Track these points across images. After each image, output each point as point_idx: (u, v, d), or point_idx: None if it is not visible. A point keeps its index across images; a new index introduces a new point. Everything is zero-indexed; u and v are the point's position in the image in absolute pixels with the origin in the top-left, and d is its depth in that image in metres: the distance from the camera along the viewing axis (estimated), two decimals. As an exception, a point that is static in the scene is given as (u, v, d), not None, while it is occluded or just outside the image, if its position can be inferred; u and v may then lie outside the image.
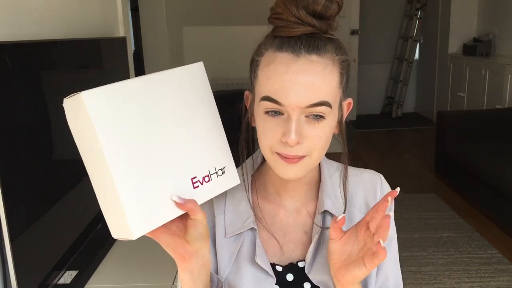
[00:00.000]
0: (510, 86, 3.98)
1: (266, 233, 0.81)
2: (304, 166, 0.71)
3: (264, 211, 0.82)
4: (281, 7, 0.68)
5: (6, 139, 1.15)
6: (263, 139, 0.72)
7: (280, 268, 0.78)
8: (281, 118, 0.69)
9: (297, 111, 0.67)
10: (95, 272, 1.51)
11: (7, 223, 1.11)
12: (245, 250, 0.79)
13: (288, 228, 0.81)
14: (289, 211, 0.82)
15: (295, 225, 0.82)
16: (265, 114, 0.70)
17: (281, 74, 0.67)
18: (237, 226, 0.79)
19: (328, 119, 0.70)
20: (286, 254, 0.80)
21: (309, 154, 0.70)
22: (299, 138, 0.68)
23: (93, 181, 0.63)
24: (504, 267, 2.56)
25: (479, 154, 3.34)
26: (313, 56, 0.68)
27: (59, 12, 1.64)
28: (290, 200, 0.82)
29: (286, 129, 0.68)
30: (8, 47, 1.18)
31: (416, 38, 6.16)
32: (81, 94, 0.58)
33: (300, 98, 0.67)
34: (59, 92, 1.49)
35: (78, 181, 1.55)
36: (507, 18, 4.51)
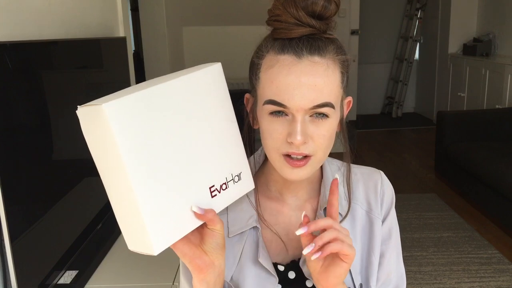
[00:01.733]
0: (510, 86, 3.98)
1: (268, 232, 0.81)
2: (310, 167, 0.72)
3: (267, 210, 0.82)
4: (280, 9, 0.68)
5: (6, 139, 1.15)
6: (268, 141, 0.71)
7: (282, 267, 0.79)
8: (286, 118, 0.69)
9: (302, 112, 0.68)
10: (95, 272, 1.51)
11: (7, 223, 1.11)
12: (248, 249, 0.79)
13: (291, 226, 0.81)
14: (292, 209, 0.83)
15: (297, 222, 0.81)
16: (269, 115, 0.70)
17: (284, 77, 0.68)
18: (240, 225, 0.79)
19: (331, 118, 0.70)
20: (289, 252, 0.80)
21: (314, 153, 0.71)
22: (305, 138, 0.68)
23: (110, 193, 0.61)
24: (504, 267, 2.56)
25: (479, 154, 3.34)
26: (315, 57, 0.68)
27: (59, 12, 1.64)
28: (292, 198, 0.83)
29: (292, 130, 0.68)
30: (8, 47, 1.18)
31: (416, 38, 6.16)
32: (102, 107, 0.54)
33: (304, 100, 0.67)
34: (59, 92, 1.49)
35: (78, 181, 1.55)
36: (507, 18, 4.51)
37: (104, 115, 0.55)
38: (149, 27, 3.71)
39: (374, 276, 0.80)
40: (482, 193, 3.25)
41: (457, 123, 3.77)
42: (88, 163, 1.95)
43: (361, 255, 0.81)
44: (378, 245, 0.81)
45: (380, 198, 0.84)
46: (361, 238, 0.81)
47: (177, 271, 1.51)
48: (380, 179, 0.85)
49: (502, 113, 3.81)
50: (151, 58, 3.76)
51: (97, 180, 0.61)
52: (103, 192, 0.61)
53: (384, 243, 0.83)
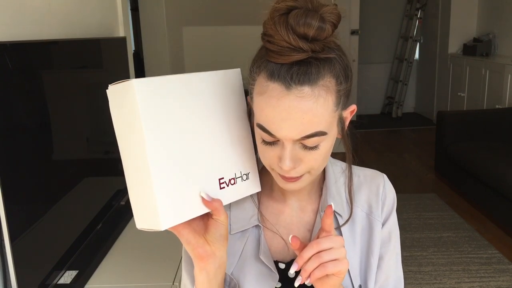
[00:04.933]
0: (510, 86, 3.98)
1: (270, 231, 0.82)
2: (304, 182, 0.73)
3: (269, 209, 0.83)
4: (272, 29, 0.65)
5: (6, 139, 1.15)
6: (261, 158, 0.73)
7: (283, 265, 0.79)
8: (277, 143, 0.70)
9: (291, 142, 0.68)
10: (95, 272, 1.51)
11: (7, 223, 1.11)
12: (249, 247, 0.80)
13: (292, 226, 0.82)
14: (294, 209, 0.83)
15: (299, 223, 0.82)
16: (262, 142, 0.71)
17: (273, 108, 0.67)
18: (242, 223, 0.81)
19: (324, 143, 0.70)
20: (290, 250, 0.81)
21: (307, 172, 0.72)
22: (294, 164, 0.69)
23: (126, 169, 0.65)
24: (504, 267, 2.56)
25: (479, 154, 3.34)
26: (305, 87, 0.65)
27: (59, 12, 1.64)
28: (294, 199, 0.83)
29: (281, 156, 0.69)
30: (8, 47, 1.18)
31: (416, 38, 6.16)
32: (132, 82, 0.60)
33: (292, 132, 0.67)
34: (59, 92, 1.49)
35: (78, 181, 1.55)
36: (507, 18, 4.51)
37: (133, 90, 0.60)
38: (149, 27, 3.71)
39: (373, 278, 0.81)
40: (482, 193, 3.25)
41: (457, 123, 3.77)
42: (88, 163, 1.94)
43: (360, 257, 0.81)
44: (378, 248, 0.82)
45: (381, 201, 0.84)
46: (361, 240, 0.82)
47: (177, 271, 1.51)
48: (383, 182, 0.85)
49: (502, 113, 3.81)
50: (151, 58, 3.76)
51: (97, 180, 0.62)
52: (103, 192, 0.61)
53: (383, 246, 0.83)
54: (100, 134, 1.80)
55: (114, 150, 2.04)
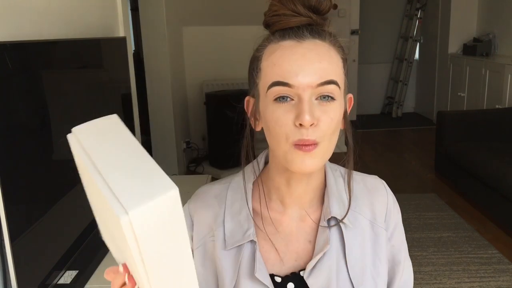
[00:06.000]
0: (510, 86, 3.98)
1: (267, 243, 0.78)
2: (319, 156, 0.69)
3: (266, 219, 0.79)
4: (277, 5, 0.70)
5: (6, 139, 1.15)
6: (276, 129, 0.68)
7: (279, 279, 0.76)
8: (291, 103, 0.68)
9: (308, 92, 0.67)
10: (95, 272, 1.50)
11: (7, 223, 1.11)
12: (245, 263, 0.76)
13: (291, 237, 0.79)
14: (293, 219, 0.79)
15: (298, 233, 0.79)
16: (274, 101, 0.68)
17: (288, 56, 0.67)
18: (237, 237, 0.77)
19: (337, 100, 0.69)
20: (288, 263, 0.78)
21: (321, 140, 0.68)
22: (313, 119, 0.66)
23: None
24: (504, 267, 2.56)
25: (479, 154, 3.34)
26: (316, 39, 0.69)
27: (59, 12, 1.64)
28: (294, 208, 0.79)
29: (299, 111, 0.66)
30: (8, 47, 1.18)
31: (416, 38, 6.16)
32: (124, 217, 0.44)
33: (310, 76, 0.66)
34: (59, 92, 1.49)
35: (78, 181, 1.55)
36: (507, 18, 4.51)
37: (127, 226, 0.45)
38: (149, 27, 3.71)
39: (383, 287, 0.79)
40: (482, 193, 3.25)
41: (457, 123, 3.77)
42: (88, 163, 1.91)
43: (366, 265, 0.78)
44: (385, 256, 0.80)
45: (386, 210, 0.83)
46: (366, 247, 0.79)
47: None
48: (385, 191, 0.85)
49: (502, 113, 3.81)
50: (151, 58, 3.76)
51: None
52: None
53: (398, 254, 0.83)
54: (100, 134, 1.80)
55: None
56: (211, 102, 3.97)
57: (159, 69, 3.75)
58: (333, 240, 0.76)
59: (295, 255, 0.78)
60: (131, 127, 2.20)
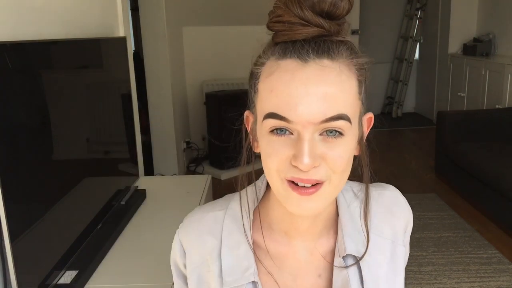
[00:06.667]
0: (510, 86, 3.98)
1: (271, 280, 0.68)
2: (323, 198, 0.58)
3: (269, 254, 0.68)
4: (282, 8, 0.57)
5: (6, 139, 1.15)
6: (268, 163, 0.58)
7: None
8: (290, 137, 0.56)
9: (310, 129, 0.55)
10: (95, 272, 1.50)
11: (7, 223, 1.11)
12: None
13: (300, 272, 0.68)
14: (300, 252, 0.69)
15: (307, 268, 0.68)
16: (269, 133, 0.57)
17: (287, 84, 0.55)
18: (236, 276, 0.66)
19: (347, 136, 0.57)
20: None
21: (327, 178, 0.57)
22: (314, 162, 0.55)
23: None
24: (504, 267, 2.56)
25: (479, 154, 3.34)
26: (324, 60, 0.55)
27: (59, 12, 1.64)
28: (301, 239, 0.68)
29: (298, 151, 0.55)
30: (8, 47, 1.18)
31: (416, 38, 6.16)
32: None
33: (312, 112, 0.54)
34: (59, 92, 1.49)
35: (78, 181, 1.55)
36: (507, 18, 4.51)
37: None
38: (149, 27, 3.71)
39: None
40: (482, 193, 3.25)
41: (457, 123, 3.76)
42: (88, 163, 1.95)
43: None
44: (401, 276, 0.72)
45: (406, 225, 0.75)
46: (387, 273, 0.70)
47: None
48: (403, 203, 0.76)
49: (502, 113, 3.81)
50: (151, 58, 3.76)
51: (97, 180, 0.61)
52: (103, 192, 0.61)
53: None
54: (100, 134, 1.80)
55: (114, 150, 2.04)
56: (211, 102, 3.97)
57: (159, 69, 3.75)
58: (353, 278, 0.67)
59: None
60: (131, 127, 2.19)
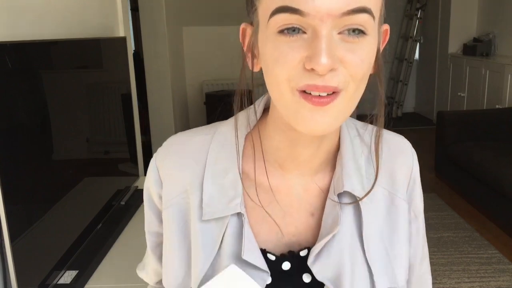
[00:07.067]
0: (510, 86, 3.98)
1: (258, 213, 0.61)
2: (338, 111, 0.49)
3: (261, 185, 0.61)
4: None
5: (6, 139, 1.15)
6: (276, 71, 0.49)
7: (273, 257, 0.60)
8: (303, 37, 0.47)
9: (328, 24, 0.46)
10: (95, 272, 1.50)
11: (7, 223, 1.11)
12: (229, 240, 0.58)
13: (290, 208, 0.62)
14: (293, 186, 0.62)
15: (299, 204, 0.62)
16: (278, 34, 0.48)
17: None
18: (219, 206, 0.59)
19: (370, 37, 0.48)
20: (284, 239, 0.62)
21: (345, 87, 0.49)
22: (333, 63, 0.46)
23: None
24: (504, 267, 2.56)
25: (479, 154, 3.34)
26: None
27: (59, 12, 1.64)
28: (296, 173, 0.62)
29: (314, 51, 0.46)
30: (8, 47, 1.18)
31: (416, 38, 6.16)
32: None
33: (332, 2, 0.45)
34: (59, 92, 1.49)
35: (78, 181, 1.55)
36: (507, 18, 4.51)
37: None
38: (149, 27, 3.71)
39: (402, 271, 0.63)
40: (482, 193, 3.25)
41: (457, 123, 3.77)
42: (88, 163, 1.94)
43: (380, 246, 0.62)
44: (405, 234, 0.65)
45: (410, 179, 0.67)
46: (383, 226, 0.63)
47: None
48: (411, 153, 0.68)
49: (502, 113, 3.81)
50: (151, 58, 3.76)
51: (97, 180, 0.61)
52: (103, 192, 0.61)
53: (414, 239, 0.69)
54: (100, 134, 1.80)
55: (114, 150, 2.04)
56: (211, 102, 3.97)
57: (159, 69, 3.75)
58: (346, 218, 0.60)
59: (293, 230, 0.62)
60: (131, 127, 2.19)
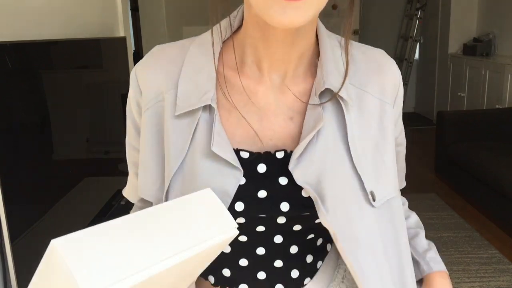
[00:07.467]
0: (510, 86, 3.98)
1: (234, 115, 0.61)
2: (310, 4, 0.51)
3: (236, 87, 0.62)
4: None
5: (6, 139, 1.15)
6: None
7: (247, 154, 0.59)
8: None
9: None
10: (95, 272, 1.51)
11: (7, 223, 1.11)
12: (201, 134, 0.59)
13: (267, 111, 0.62)
14: (271, 88, 0.62)
15: (276, 107, 0.62)
16: None
17: None
18: (192, 101, 0.59)
19: None
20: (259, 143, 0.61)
21: None
22: None
23: None
24: (504, 267, 2.56)
25: (479, 154, 3.34)
26: None
27: (59, 12, 1.64)
28: (274, 75, 0.62)
29: None
30: (8, 47, 1.18)
31: (416, 38, 6.16)
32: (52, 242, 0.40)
33: None
34: (59, 92, 1.49)
35: (78, 181, 1.55)
36: (507, 18, 4.51)
37: None
38: (149, 27, 3.71)
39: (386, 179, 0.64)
40: (482, 193, 3.25)
41: (457, 123, 3.77)
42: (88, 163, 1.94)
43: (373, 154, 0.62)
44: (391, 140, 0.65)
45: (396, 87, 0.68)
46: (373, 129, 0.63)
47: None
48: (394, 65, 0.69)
49: (502, 113, 3.81)
50: (151, 58, 3.76)
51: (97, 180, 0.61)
52: (103, 192, 0.61)
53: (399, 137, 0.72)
54: (100, 134, 1.80)
55: (114, 150, 2.04)
56: (211, 102, 3.98)
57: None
58: (328, 118, 0.60)
59: (270, 133, 0.61)
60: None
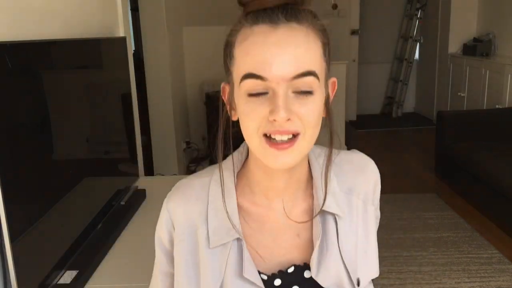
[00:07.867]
0: (510, 86, 3.98)
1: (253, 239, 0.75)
2: (297, 151, 0.65)
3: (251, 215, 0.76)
4: None
5: (6, 139, 1.15)
6: (247, 122, 0.65)
7: (265, 277, 0.73)
8: (266, 97, 0.63)
9: (283, 85, 0.62)
10: (95, 272, 1.50)
11: (7, 223, 1.11)
12: (232, 261, 0.72)
13: (278, 232, 0.75)
14: (279, 213, 0.76)
15: (285, 228, 0.76)
16: (248, 96, 0.64)
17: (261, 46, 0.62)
18: (222, 235, 0.73)
19: (316, 94, 0.64)
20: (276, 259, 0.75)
21: (302, 132, 0.64)
22: (289, 115, 0.62)
23: None
24: (504, 267, 2.56)
25: (479, 154, 3.34)
26: (292, 23, 0.63)
27: (59, 12, 1.64)
28: (279, 201, 0.75)
29: (274, 106, 0.61)
30: (8, 47, 1.18)
31: (416, 38, 6.16)
32: None
33: (285, 69, 0.61)
34: (59, 92, 1.49)
35: (78, 181, 1.55)
36: (507, 18, 4.51)
37: None
38: (149, 27, 3.71)
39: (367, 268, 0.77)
40: (482, 193, 3.25)
41: (457, 123, 3.77)
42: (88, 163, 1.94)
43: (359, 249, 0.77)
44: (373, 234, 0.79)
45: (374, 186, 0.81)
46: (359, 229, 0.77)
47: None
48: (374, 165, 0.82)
49: (502, 113, 3.81)
50: (151, 58, 3.76)
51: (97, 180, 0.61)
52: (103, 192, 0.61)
53: None
54: (100, 134, 1.80)
55: (114, 150, 2.04)
56: (211, 102, 3.97)
57: (159, 69, 3.74)
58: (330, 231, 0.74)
59: (283, 250, 0.75)
60: (131, 127, 2.19)
